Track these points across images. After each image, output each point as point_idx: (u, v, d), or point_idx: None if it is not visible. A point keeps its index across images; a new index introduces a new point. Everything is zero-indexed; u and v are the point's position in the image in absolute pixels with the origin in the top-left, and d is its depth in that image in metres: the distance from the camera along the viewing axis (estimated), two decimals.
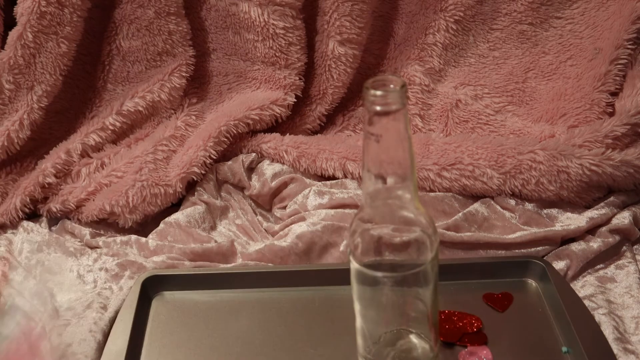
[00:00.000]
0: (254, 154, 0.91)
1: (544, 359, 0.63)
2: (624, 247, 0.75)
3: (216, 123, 0.90)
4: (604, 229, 0.76)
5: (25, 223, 0.86)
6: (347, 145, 0.88)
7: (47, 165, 0.89)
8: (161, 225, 0.84)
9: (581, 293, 0.70)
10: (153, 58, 0.94)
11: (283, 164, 0.90)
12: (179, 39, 0.93)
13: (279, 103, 0.93)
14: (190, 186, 0.89)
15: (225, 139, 0.90)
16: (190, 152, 0.88)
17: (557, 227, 0.76)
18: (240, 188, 0.90)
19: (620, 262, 0.74)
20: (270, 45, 0.93)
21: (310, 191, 0.84)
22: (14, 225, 0.87)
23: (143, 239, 0.81)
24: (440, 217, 0.80)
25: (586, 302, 0.68)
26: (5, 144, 0.88)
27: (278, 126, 0.96)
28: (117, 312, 0.70)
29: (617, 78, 0.84)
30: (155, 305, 0.72)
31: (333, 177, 0.88)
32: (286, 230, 0.80)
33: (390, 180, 0.50)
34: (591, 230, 0.76)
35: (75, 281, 0.77)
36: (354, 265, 0.54)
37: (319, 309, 0.70)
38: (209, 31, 0.97)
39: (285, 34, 0.92)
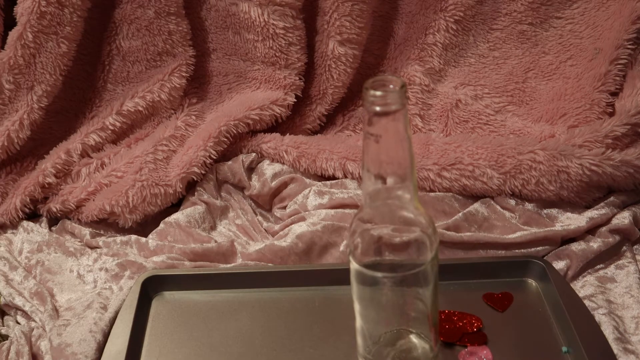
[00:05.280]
0: (254, 154, 0.91)
1: (544, 359, 0.63)
2: (624, 247, 0.75)
3: (216, 123, 0.90)
4: (604, 229, 0.76)
5: (25, 223, 0.86)
6: (347, 145, 0.88)
7: (47, 165, 0.89)
8: (161, 225, 0.84)
9: (581, 293, 0.70)
10: (153, 58, 0.94)
11: (283, 164, 0.90)
12: (179, 39, 0.93)
13: (279, 103, 0.93)
14: (190, 186, 0.89)
15: (225, 139, 0.90)
16: (190, 152, 0.88)
17: (557, 227, 0.76)
18: (240, 188, 0.90)
19: (620, 262, 0.74)
20: (270, 45, 0.93)
21: (310, 191, 0.84)
22: (14, 225, 0.87)
23: (143, 239, 0.81)
24: (440, 217, 0.80)
25: (586, 302, 0.68)
26: (5, 144, 0.88)
27: (278, 126, 0.96)
28: (117, 312, 0.70)
29: (617, 78, 0.84)
30: (155, 305, 0.72)
31: (333, 177, 0.88)
32: (286, 230, 0.80)
33: (390, 181, 0.50)
34: (591, 230, 0.76)
35: (75, 281, 0.78)
36: (354, 266, 0.54)
37: (319, 309, 0.70)
38: (209, 31, 0.97)
39: (285, 34, 0.92)
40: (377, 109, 0.47)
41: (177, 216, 0.84)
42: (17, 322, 0.73)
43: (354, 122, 0.99)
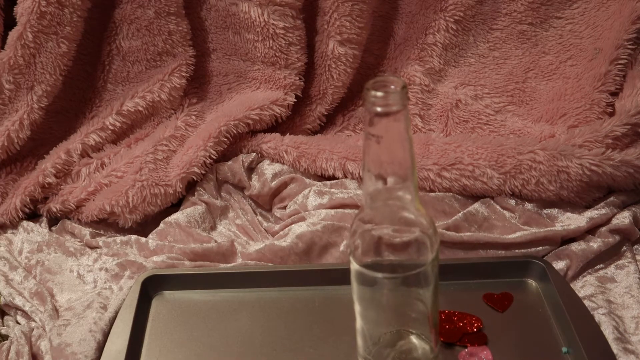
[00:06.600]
0: (254, 154, 0.91)
1: (544, 359, 0.63)
2: (624, 247, 0.75)
3: (216, 123, 0.90)
4: (604, 229, 0.76)
5: (25, 223, 0.86)
6: (347, 145, 0.88)
7: (47, 165, 0.89)
8: (161, 225, 0.84)
9: (581, 293, 0.70)
10: (153, 58, 0.94)
11: (283, 164, 0.90)
12: (179, 39, 0.93)
13: (279, 103, 0.93)
14: (190, 186, 0.89)
15: (225, 139, 0.90)
16: (190, 152, 0.88)
17: (557, 227, 0.76)
18: (240, 188, 0.90)
19: (620, 262, 0.74)
20: (270, 45, 0.93)
21: (310, 191, 0.84)
22: (14, 225, 0.87)
23: (143, 239, 0.81)
24: (440, 217, 0.80)
25: (586, 302, 0.68)
26: (5, 144, 0.88)
27: (278, 126, 0.96)
28: (117, 312, 0.70)
29: (617, 78, 0.84)
30: (155, 305, 0.72)
31: (333, 177, 0.88)
32: (286, 230, 0.80)
33: (390, 181, 0.50)
34: (591, 230, 0.76)
35: (75, 281, 0.78)
36: (354, 266, 0.54)
37: (319, 309, 0.70)
38: (209, 31, 0.97)
39: (285, 34, 0.92)
40: (378, 109, 0.47)
41: (177, 216, 0.84)
42: (17, 322, 0.73)
43: (354, 122, 0.99)
